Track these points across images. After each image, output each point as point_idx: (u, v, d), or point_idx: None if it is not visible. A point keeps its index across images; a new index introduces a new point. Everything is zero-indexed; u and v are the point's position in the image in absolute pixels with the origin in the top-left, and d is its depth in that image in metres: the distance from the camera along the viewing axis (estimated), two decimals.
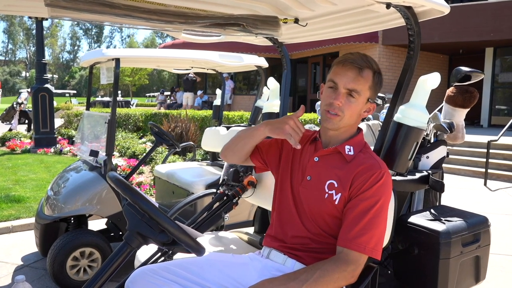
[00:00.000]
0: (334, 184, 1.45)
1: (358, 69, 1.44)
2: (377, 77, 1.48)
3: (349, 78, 1.44)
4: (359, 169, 1.43)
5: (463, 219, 1.75)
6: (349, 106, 1.46)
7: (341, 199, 1.43)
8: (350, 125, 1.52)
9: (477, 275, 1.79)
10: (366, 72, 1.45)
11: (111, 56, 3.25)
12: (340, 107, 1.45)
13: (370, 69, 1.46)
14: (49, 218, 3.08)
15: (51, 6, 1.38)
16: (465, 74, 2.21)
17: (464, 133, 2.46)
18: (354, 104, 1.46)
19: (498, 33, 11.40)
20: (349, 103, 1.45)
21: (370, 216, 1.37)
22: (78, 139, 4.23)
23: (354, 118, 1.51)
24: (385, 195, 1.42)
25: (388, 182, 1.43)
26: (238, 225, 3.19)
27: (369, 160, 1.47)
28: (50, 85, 9.57)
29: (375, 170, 1.42)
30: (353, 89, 1.44)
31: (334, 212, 1.45)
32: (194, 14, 1.75)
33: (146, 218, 1.22)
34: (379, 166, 1.44)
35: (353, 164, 1.46)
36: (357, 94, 1.45)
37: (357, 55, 1.47)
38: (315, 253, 1.48)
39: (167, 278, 1.44)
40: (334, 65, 1.50)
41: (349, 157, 1.48)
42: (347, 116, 1.47)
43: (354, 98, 1.45)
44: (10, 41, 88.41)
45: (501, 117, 12.84)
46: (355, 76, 1.44)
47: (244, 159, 1.75)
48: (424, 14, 1.66)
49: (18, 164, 7.49)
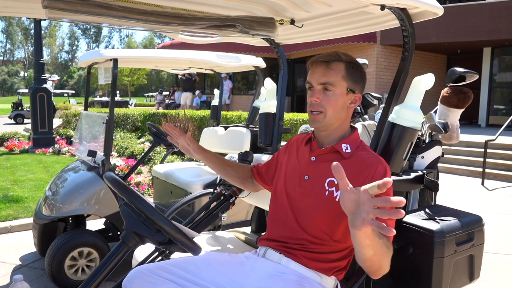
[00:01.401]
0: (334, 181, 1.46)
1: (325, 63, 1.50)
2: (351, 67, 1.51)
3: (319, 74, 1.49)
4: (361, 166, 1.45)
5: (457, 219, 1.77)
6: (328, 100, 1.49)
7: None
8: (338, 120, 1.53)
9: (471, 274, 1.81)
10: (335, 64, 1.49)
11: (109, 56, 3.26)
12: (319, 103, 1.49)
13: (339, 61, 1.50)
14: (47, 218, 3.09)
15: (48, 8, 1.39)
16: (460, 74, 2.23)
17: (459, 133, 2.48)
18: (332, 97, 1.49)
19: (496, 33, 11.43)
20: (326, 97, 1.49)
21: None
22: (76, 139, 4.24)
23: (339, 112, 1.52)
24: (390, 188, 1.43)
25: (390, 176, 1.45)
26: (236, 224, 3.21)
27: (368, 156, 1.49)
28: (48, 85, 9.57)
29: (377, 165, 1.44)
30: (325, 82, 1.48)
31: (335, 209, 1.44)
32: (191, 15, 1.76)
33: (142, 217, 1.24)
34: (380, 160, 1.47)
35: (353, 161, 1.47)
36: (332, 86, 1.48)
37: (325, 53, 1.53)
38: (312, 253, 1.49)
39: (164, 277, 1.45)
40: (308, 69, 1.56)
41: (346, 154, 1.50)
42: (330, 110, 1.49)
43: (330, 91, 1.49)
44: (8, 41, 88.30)
45: (499, 117, 12.87)
46: (323, 70, 1.49)
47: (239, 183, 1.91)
48: (418, 15, 1.68)
49: (17, 164, 7.50)
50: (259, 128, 2.75)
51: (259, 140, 2.72)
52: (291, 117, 8.36)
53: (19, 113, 20.05)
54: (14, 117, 20.05)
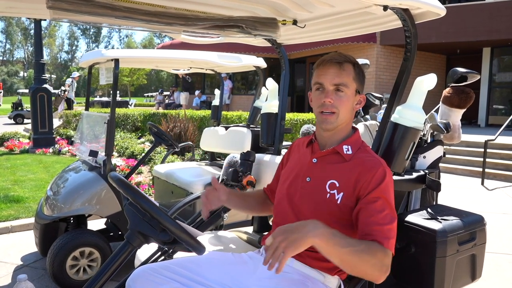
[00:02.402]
0: (335, 184, 1.46)
1: (339, 63, 1.49)
2: (357, 68, 1.52)
3: (332, 75, 1.48)
4: (361, 169, 1.44)
5: (460, 218, 1.78)
6: (341, 101, 1.48)
7: (343, 199, 1.44)
8: (346, 121, 1.54)
9: (473, 273, 1.82)
10: (346, 65, 1.49)
11: (110, 56, 3.27)
12: (332, 104, 1.48)
13: (349, 62, 1.50)
14: (48, 218, 3.09)
15: (53, 8, 1.39)
16: (461, 75, 2.23)
17: (460, 133, 2.48)
18: (345, 98, 1.49)
19: (495, 33, 11.44)
20: (339, 98, 1.48)
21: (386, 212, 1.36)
22: (77, 139, 4.24)
23: (349, 112, 1.53)
24: (390, 191, 1.43)
25: (390, 179, 1.45)
26: (237, 224, 3.21)
27: (369, 158, 1.49)
28: (48, 85, 9.56)
29: (377, 168, 1.43)
30: (340, 83, 1.48)
31: (336, 211, 1.45)
32: (194, 16, 1.77)
33: (147, 217, 1.24)
34: (380, 163, 1.46)
35: (353, 163, 1.48)
36: (345, 87, 1.48)
37: (334, 54, 1.52)
38: (316, 253, 1.49)
39: (167, 277, 1.46)
40: (315, 69, 1.55)
41: (348, 156, 1.50)
42: (342, 111, 1.49)
43: (343, 92, 1.49)
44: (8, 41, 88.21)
45: (499, 117, 12.88)
46: (337, 71, 1.48)
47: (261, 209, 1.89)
48: (421, 16, 1.69)
49: (17, 164, 7.49)
50: (261, 128, 2.75)
51: (261, 140, 2.72)
52: (291, 117, 8.37)
53: (19, 113, 20.03)
54: (14, 117, 20.03)
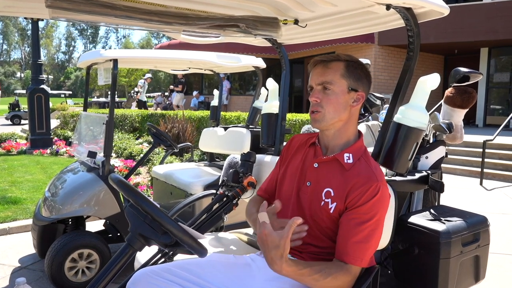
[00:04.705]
0: (330, 193, 1.45)
1: (324, 62, 1.50)
2: (351, 65, 1.49)
3: (317, 74, 1.50)
4: (356, 181, 1.41)
5: (463, 219, 1.76)
6: (327, 99, 1.47)
7: (335, 209, 1.43)
8: (340, 120, 1.49)
9: (477, 275, 1.80)
10: (333, 63, 1.49)
11: (109, 57, 3.24)
12: (318, 103, 1.48)
13: (338, 61, 1.50)
14: (46, 219, 3.06)
15: (52, 7, 1.37)
16: (464, 74, 2.22)
17: (462, 133, 2.47)
18: (332, 95, 1.47)
19: (493, 33, 11.47)
20: (326, 96, 1.48)
21: (368, 230, 1.37)
22: (75, 140, 4.21)
23: (340, 110, 1.48)
24: (382, 209, 1.41)
25: (385, 196, 1.42)
26: (237, 225, 3.18)
27: (366, 171, 1.44)
28: (45, 86, 9.52)
29: (371, 183, 1.39)
30: (324, 81, 1.48)
31: (327, 220, 1.45)
32: (194, 15, 1.75)
33: (148, 219, 1.22)
34: (376, 178, 1.42)
35: (351, 174, 1.45)
36: (330, 84, 1.47)
37: (324, 55, 1.53)
38: (318, 255, 1.49)
39: (168, 279, 1.44)
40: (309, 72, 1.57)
41: (348, 165, 1.47)
42: (330, 109, 1.47)
43: (330, 90, 1.47)
44: (5, 41, 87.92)
45: (496, 117, 12.93)
46: (322, 70, 1.49)
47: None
48: (424, 15, 1.67)
49: (14, 165, 7.45)
50: (261, 128, 2.73)
51: (261, 141, 2.70)
52: (290, 118, 8.36)
53: (16, 114, 19.99)
54: (11, 118, 19.98)
